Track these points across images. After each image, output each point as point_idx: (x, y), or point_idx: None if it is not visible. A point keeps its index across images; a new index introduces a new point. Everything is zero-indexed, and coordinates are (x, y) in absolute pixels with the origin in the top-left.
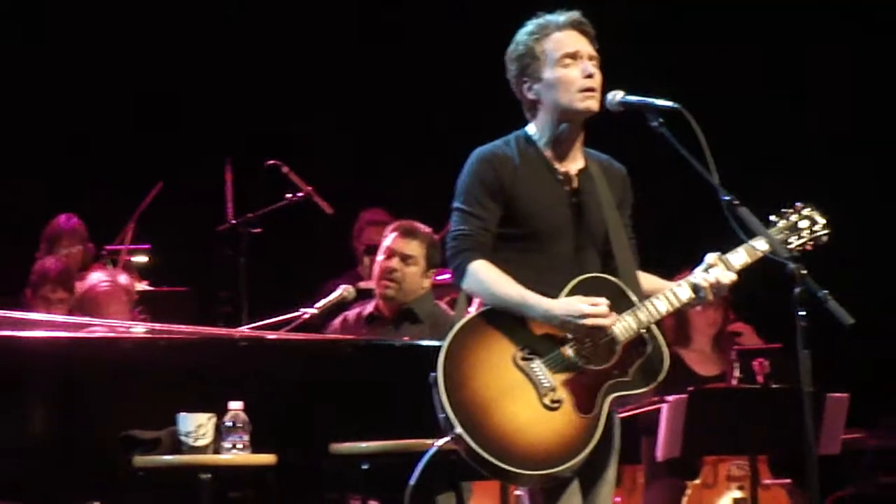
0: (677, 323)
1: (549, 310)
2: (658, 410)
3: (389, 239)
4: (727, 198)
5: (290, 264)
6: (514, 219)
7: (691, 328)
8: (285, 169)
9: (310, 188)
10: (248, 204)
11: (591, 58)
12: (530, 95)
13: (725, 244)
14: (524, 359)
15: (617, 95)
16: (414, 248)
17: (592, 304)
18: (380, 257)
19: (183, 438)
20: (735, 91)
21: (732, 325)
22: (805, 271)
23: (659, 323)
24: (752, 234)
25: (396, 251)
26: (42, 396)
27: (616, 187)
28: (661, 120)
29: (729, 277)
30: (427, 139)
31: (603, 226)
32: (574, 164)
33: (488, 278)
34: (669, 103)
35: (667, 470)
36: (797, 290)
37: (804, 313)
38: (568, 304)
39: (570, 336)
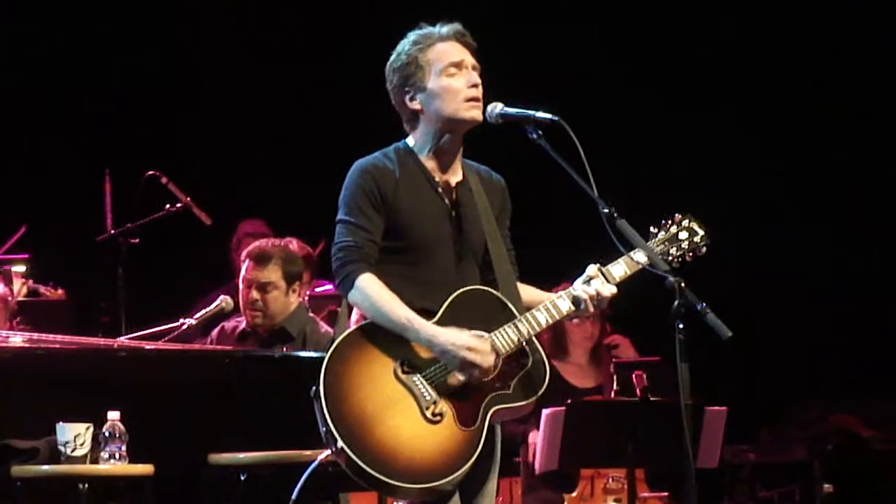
0: (554, 335)
1: (434, 337)
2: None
3: (246, 269)
4: (606, 210)
5: (169, 275)
6: (395, 231)
7: (568, 341)
8: (164, 179)
9: (188, 199)
10: (127, 214)
11: (474, 68)
12: (413, 105)
13: (606, 255)
14: (405, 372)
15: (497, 108)
16: (269, 273)
17: (485, 350)
18: (241, 286)
19: (61, 448)
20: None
21: (609, 338)
22: (684, 284)
23: (538, 335)
24: (631, 247)
25: (253, 281)
26: None
27: (495, 198)
28: (539, 132)
29: (609, 290)
30: (305, 149)
31: (482, 237)
32: (454, 175)
33: (376, 295)
34: (549, 115)
35: (544, 483)
36: (676, 302)
37: (682, 326)
38: (451, 335)
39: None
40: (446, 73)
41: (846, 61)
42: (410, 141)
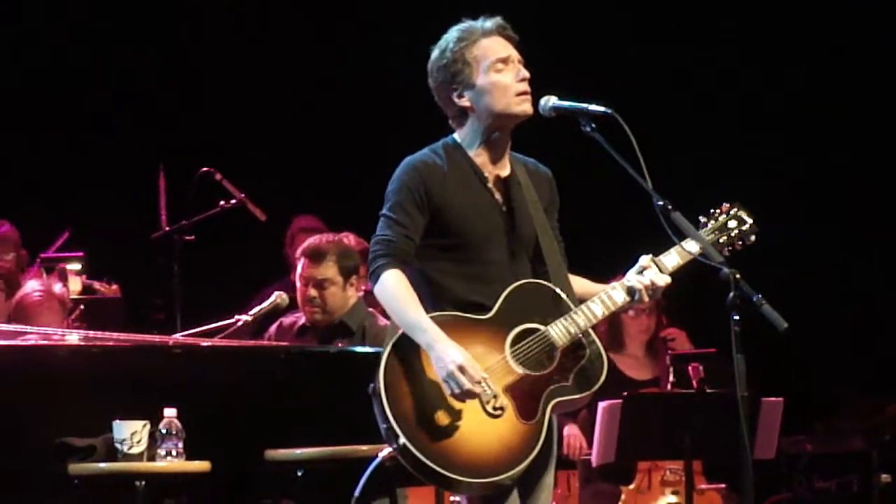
0: (610, 328)
1: (435, 342)
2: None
3: (300, 266)
4: (661, 203)
5: (224, 271)
6: (446, 228)
7: (624, 333)
8: (218, 176)
9: (243, 195)
10: (181, 211)
11: (519, 62)
12: (461, 102)
13: (654, 246)
14: None
15: (550, 101)
16: (325, 270)
17: (473, 377)
18: (298, 284)
19: (118, 446)
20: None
21: (665, 331)
22: (739, 276)
23: (594, 327)
24: (685, 239)
25: (310, 279)
26: None
27: (543, 190)
28: (593, 125)
29: (664, 280)
30: (358, 145)
31: (533, 231)
32: (502, 170)
33: (395, 292)
34: (602, 108)
35: (601, 475)
36: (731, 294)
37: (738, 318)
38: (451, 349)
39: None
40: (494, 69)
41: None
42: (458, 136)
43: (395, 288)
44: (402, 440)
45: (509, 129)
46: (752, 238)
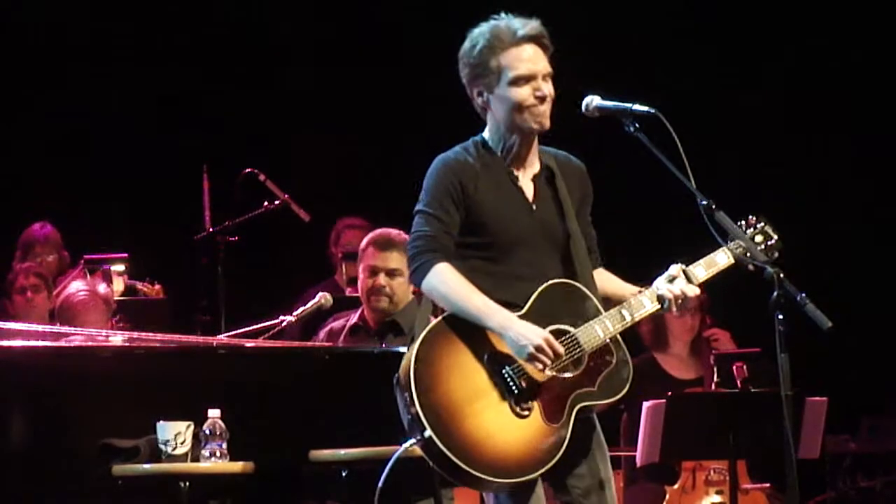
0: (655, 328)
1: (508, 324)
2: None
3: (369, 256)
4: (704, 202)
5: (268, 272)
6: (477, 227)
7: (668, 333)
8: (262, 177)
9: (286, 196)
10: (225, 212)
11: (545, 76)
12: (481, 103)
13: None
14: (494, 363)
15: (593, 101)
16: (395, 259)
17: (550, 345)
18: (362, 275)
19: (161, 447)
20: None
21: (709, 331)
22: (783, 275)
23: (633, 328)
24: (727, 238)
25: (380, 268)
26: (20, 405)
27: (574, 184)
28: (637, 125)
29: (693, 291)
30: (402, 146)
31: (563, 231)
32: (531, 168)
33: (451, 283)
34: (646, 108)
35: (645, 475)
36: (775, 293)
37: (782, 317)
38: (526, 327)
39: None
40: (515, 84)
41: None
42: (486, 134)
43: (451, 277)
44: (428, 432)
45: (529, 137)
46: (776, 255)
